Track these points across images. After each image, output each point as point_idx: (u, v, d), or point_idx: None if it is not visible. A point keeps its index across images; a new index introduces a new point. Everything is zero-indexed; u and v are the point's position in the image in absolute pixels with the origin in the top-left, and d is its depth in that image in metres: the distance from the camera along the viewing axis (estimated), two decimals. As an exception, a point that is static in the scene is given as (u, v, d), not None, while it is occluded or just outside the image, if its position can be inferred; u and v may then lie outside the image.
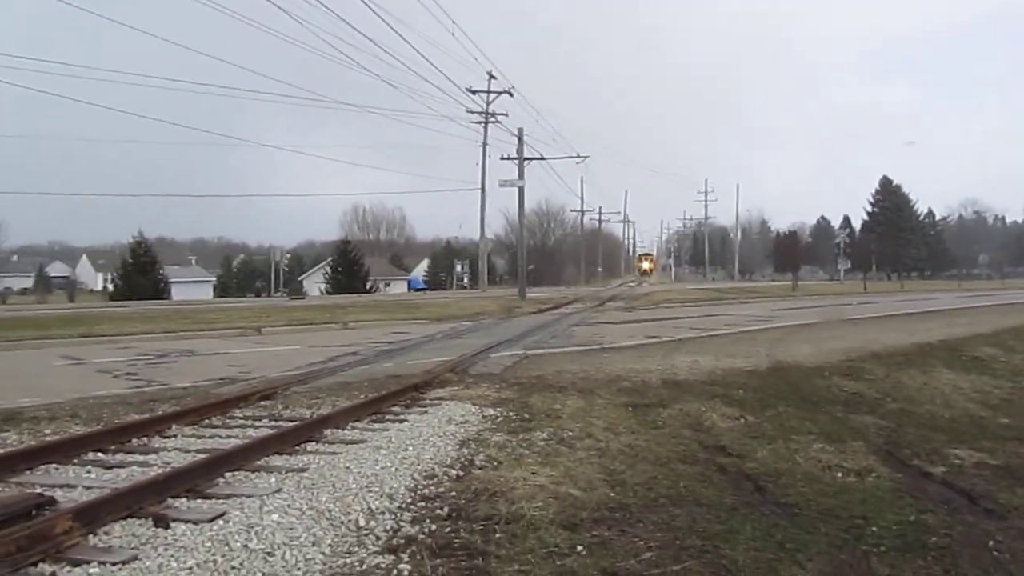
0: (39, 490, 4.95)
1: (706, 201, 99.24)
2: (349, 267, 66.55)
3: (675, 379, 10.43)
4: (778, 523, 4.74)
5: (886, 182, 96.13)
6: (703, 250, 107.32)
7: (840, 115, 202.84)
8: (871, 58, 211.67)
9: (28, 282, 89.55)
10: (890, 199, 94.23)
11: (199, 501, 4.90)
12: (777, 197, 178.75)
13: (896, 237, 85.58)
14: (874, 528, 4.69)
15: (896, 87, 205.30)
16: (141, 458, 6.11)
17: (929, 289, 55.28)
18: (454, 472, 5.71)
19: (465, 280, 71.55)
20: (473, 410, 8.08)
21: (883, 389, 10.12)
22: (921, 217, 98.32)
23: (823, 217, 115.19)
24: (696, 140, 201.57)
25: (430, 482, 5.44)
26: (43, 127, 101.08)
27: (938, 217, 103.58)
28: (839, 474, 6.00)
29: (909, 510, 5.11)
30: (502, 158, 43.48)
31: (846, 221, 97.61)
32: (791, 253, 64.72)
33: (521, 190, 40.41)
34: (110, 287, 64.04)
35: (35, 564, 3.74)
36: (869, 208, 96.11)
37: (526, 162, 40.86)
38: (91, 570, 3.69)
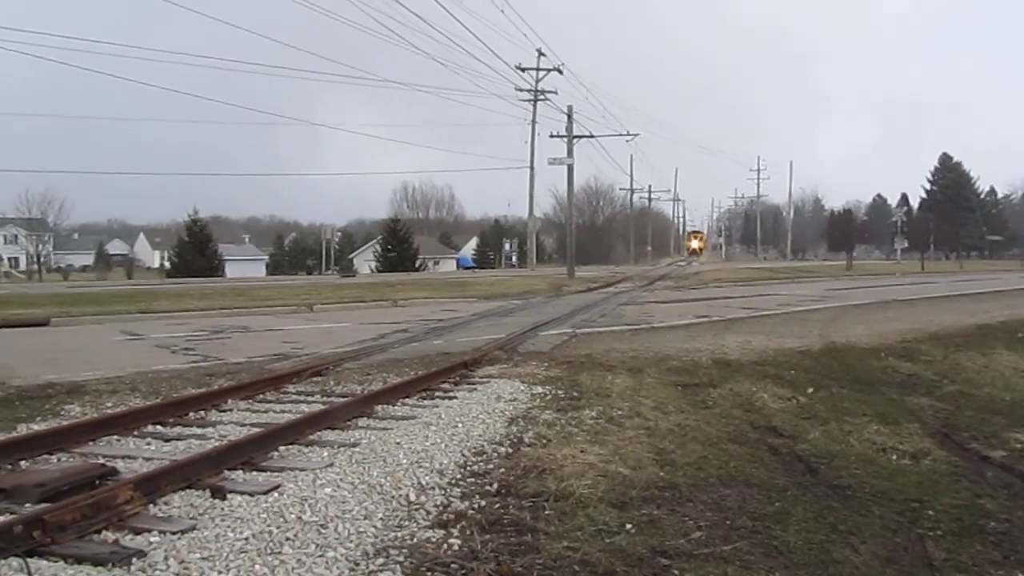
0: (102, 460, 5.11)
1: (758, 179, 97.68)
2: (398, 245, 67.03)
3: (726, 359, 10.33)
4: (831, 505, 4.68)
5: (946, 159, 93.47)
6: (754, 229, 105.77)
7: (899, 90, 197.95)
8: (933, 30, 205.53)
9: (88, 259, 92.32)
10: (950, 176, 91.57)
11: (254, 474, 5.01)
12: (832, 175, 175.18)
13: (956, 216, 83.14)
14: (930, 511, 4.59)
15: (959, 59, 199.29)
16: (198, 431, 6.26)
17: (990, 269, 53.80)
18: (503, 449, 5.74)
19: (514, 258, 71.53)
20: (522, 388, 8.11)
21: (941, 371, 9.88)
22: (982, 195, 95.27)
23: (879, 195, 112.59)
24: (750, 117, 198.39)
25: (479, 458, 5.48)
26: (104, 108, 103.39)
27: (1000, 195, 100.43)
28: (894, 456, 5.88)
29: (966, 494, 4.99)
30: (551, 136, 43.46)
31: (903, 199, 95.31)
32: (846, 232, 63.44)
33: (570, 168, 40.25)
34: (167, 264, 65.51)
35: (99, 532, 3.86)
36: (928, 186, 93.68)
37: (575, 140, 40.66)
38: (152, 538, 3.79)
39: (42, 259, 74.50)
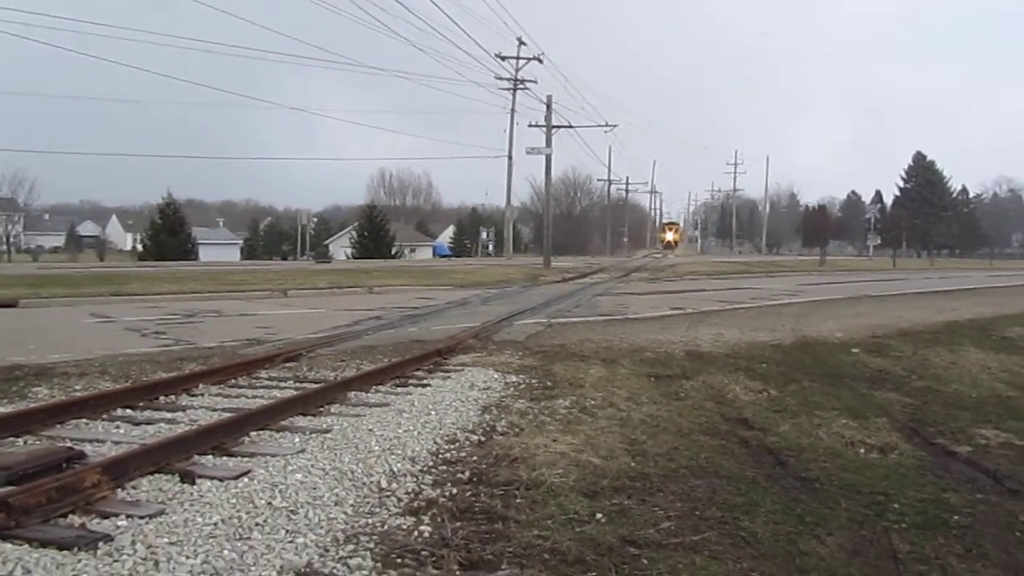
0: (69, 444, 5.05)
1: (735, 173, 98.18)
2: (375, 232, 66.76)
3: (699, 351, 10.40)
4: (799, 497, 4.73)
5: (919, 157, 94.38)
6: (730, 223, 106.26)
7: (875, 89, 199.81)
8: (909, 32, 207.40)
9: (59, 241, 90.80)
10: (923, 175, 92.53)
11: (225, 459, 4.97)
12: (808, 170, 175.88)
13: (928, 214, 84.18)
14: (896, 505, 4.66)
15: (933, 62, 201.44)
16: (168, 415, 6.20)
17: (960, 267, 54.52)
18: (476, 437, 5.75)
19: (490, 248, 71.48)
20: (496, 376, 8.11)
21: (909, 366, 10.01)
22: (954, 194, 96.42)
23: (854, 192, 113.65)
24: (727, 111, 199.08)
25: (452, 446, 5.48)
26: (76, 87, 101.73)
27: (972, 195, 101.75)
28: (862, 450, 5.96)
29: (932, 488, 5.06)
30: (530, 125, 43.49)
31: (877, 196, 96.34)
32: (820, 228, 63.95)
33: (548, 158, 40.26)
34: (139, 247, 64.69)
35: (65, 516, 3.81)
36: (901, 184, 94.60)
37: (554, 130, 40.66)
38: (119, 523, 3.76)
39: (11, 240, 73.36)
